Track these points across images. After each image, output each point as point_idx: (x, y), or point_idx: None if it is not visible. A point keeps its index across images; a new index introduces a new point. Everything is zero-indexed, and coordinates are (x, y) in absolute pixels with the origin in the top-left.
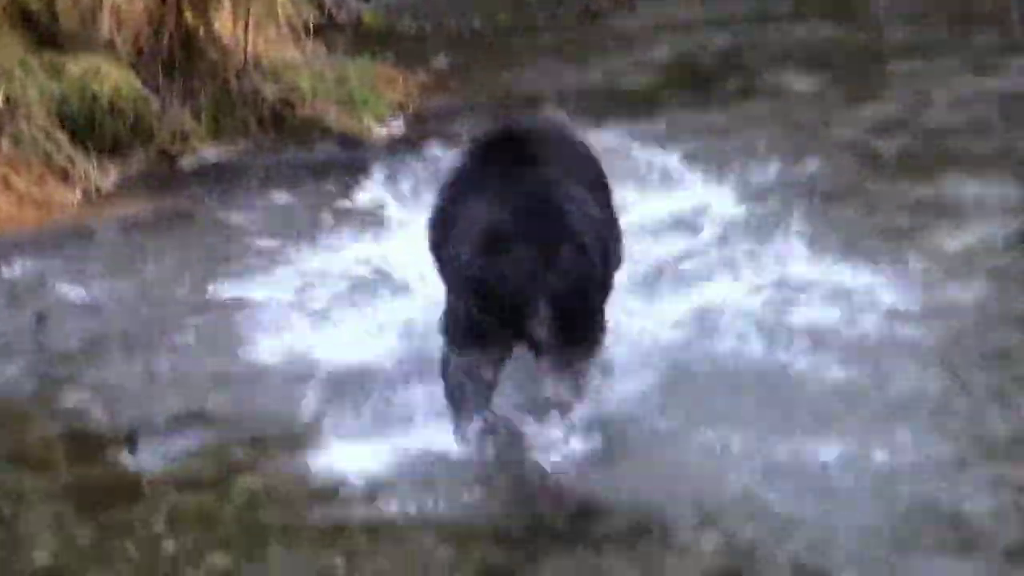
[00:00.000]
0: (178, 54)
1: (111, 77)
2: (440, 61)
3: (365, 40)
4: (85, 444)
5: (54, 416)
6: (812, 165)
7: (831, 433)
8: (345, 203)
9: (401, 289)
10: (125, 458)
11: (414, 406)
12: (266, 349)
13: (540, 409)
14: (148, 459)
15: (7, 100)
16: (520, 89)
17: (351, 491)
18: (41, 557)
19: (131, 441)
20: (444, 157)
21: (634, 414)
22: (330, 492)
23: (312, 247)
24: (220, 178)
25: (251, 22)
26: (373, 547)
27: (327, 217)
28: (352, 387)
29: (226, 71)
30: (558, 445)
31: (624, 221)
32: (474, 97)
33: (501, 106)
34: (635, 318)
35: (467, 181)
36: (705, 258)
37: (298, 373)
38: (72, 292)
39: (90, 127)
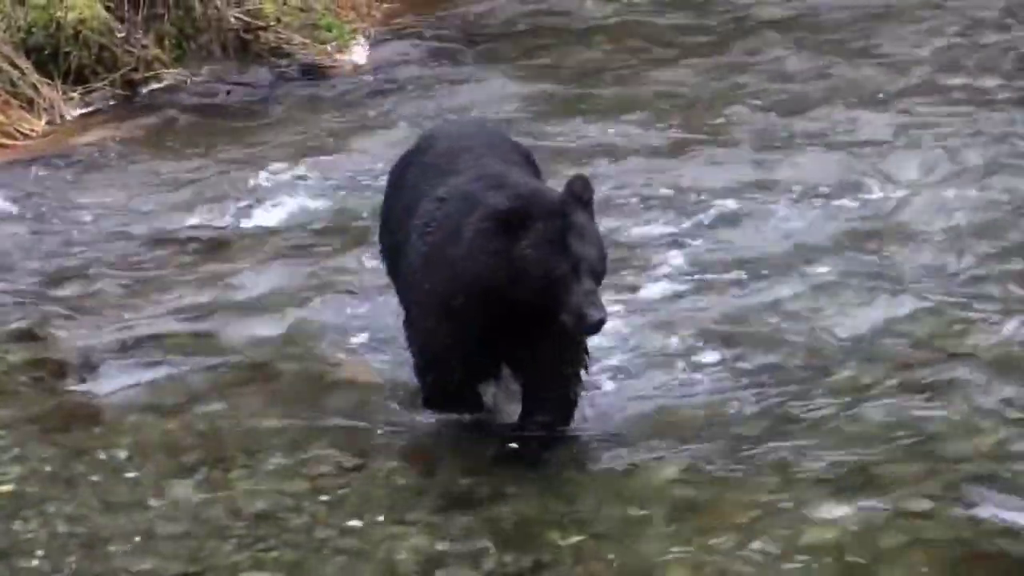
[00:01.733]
0: None
1: (76, 5)
2: None
3: None
4: (47, 371)
5: (14, 344)
6: None
7: None
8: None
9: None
10: (87, 384)
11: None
12: (228, 281)
13: None
14: (110, 386)
15: None
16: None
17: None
18: (4, 483)
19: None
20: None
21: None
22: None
23: (274, 177)
24: (185, 105)
25: None
26: (340, 478)
27: (292, 150)
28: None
29: None
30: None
31: None
32: (439, 24)
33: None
34: None
35: None
36: None
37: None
38: (33, 222)
39: (55, 56)
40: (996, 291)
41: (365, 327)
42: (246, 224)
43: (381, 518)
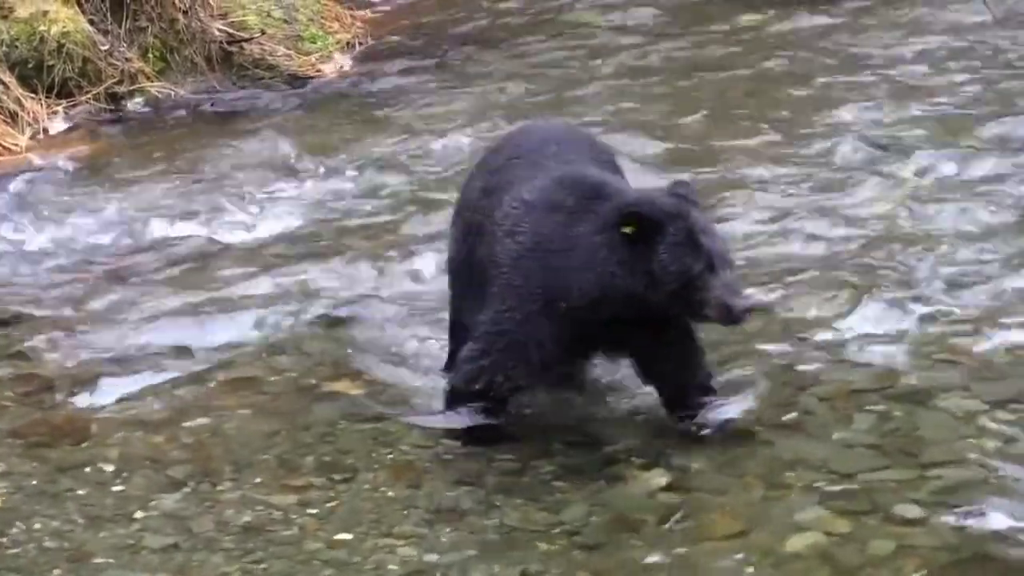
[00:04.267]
0: None
1: (59, 19)
2: None
3: None
4: (32, 385)
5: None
6: None
7: None
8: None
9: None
10: (72, 398)
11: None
12: (214, 293)
13: None
14: (96, 400)
15: None
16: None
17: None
18: None
19: None
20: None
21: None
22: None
23: (259, 189)
24: (169, 117)
25: None
26: (328, 491)
27: (277, 161)
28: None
29: (173, 10)
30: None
31: None
32: (421, 34)
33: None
34: None
35: None
36: None
37: (247, 316)
38: (16, 236)
39: (38, 69)
40: (983, 296)
41: (351, 338)
42: (231, 235)
43: (369, 530)
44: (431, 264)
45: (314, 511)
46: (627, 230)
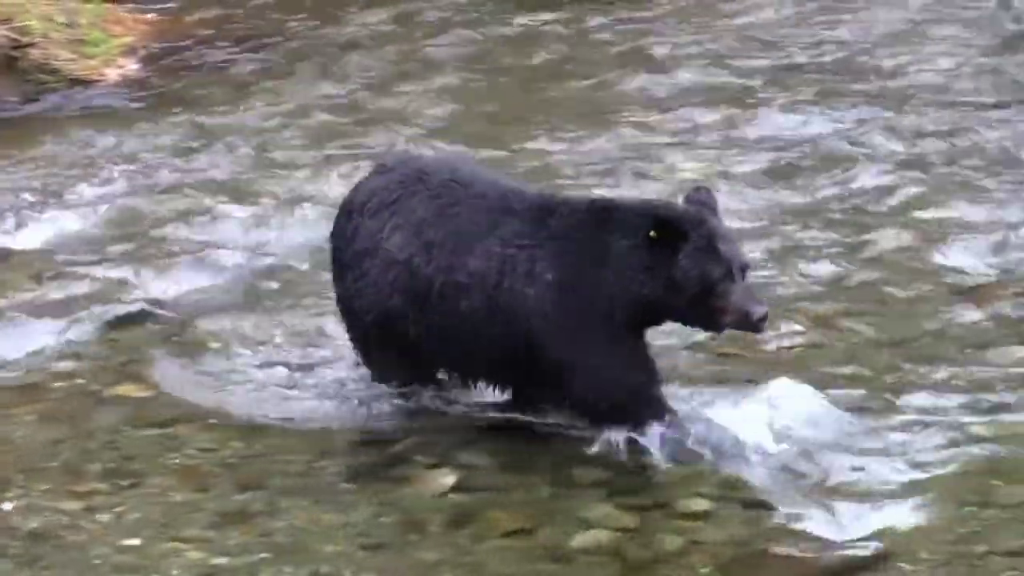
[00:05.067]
0: None
1: None
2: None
3: None
4: None
5: None
6: None
7: None
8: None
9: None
10: None
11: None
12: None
13: None
14: None
15: None
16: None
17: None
18: None
19: None
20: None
21: None
22: None
23: (41, 194)
24: None
25: None
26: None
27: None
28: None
29: None
30: None
31: None
32: (203, 37)
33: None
34: None
35: None
36: None
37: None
38: None
39: None
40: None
41: (135, 342)
42: (9, 242)
43: (157, 535)
44: (215, 269)
45: (102, 517)
46: (642, 241)
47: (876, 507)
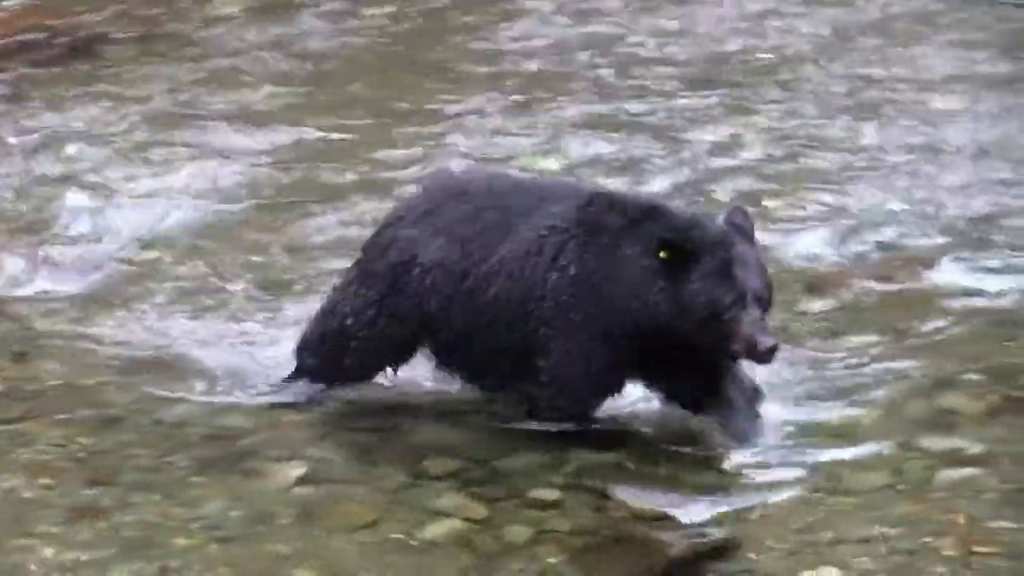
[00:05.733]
0: None
1: None
2: None
3: None
4: None
5: None
6: None
7: None
8: None
9: None
10: None
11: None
12: None
13: None
14: None
15: None
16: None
17: None
18: None
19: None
20: None
21: None
22: None
23: None
24: None
25: None
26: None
27: None
28: None
29: None
30: None
31: None
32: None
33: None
34: None
35: None
36: None
37: None
38: None
39: None
40: None
41: None
42: None
43: (7, 531)
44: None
45: None
46: (654, 260)
47: (724, 495)
